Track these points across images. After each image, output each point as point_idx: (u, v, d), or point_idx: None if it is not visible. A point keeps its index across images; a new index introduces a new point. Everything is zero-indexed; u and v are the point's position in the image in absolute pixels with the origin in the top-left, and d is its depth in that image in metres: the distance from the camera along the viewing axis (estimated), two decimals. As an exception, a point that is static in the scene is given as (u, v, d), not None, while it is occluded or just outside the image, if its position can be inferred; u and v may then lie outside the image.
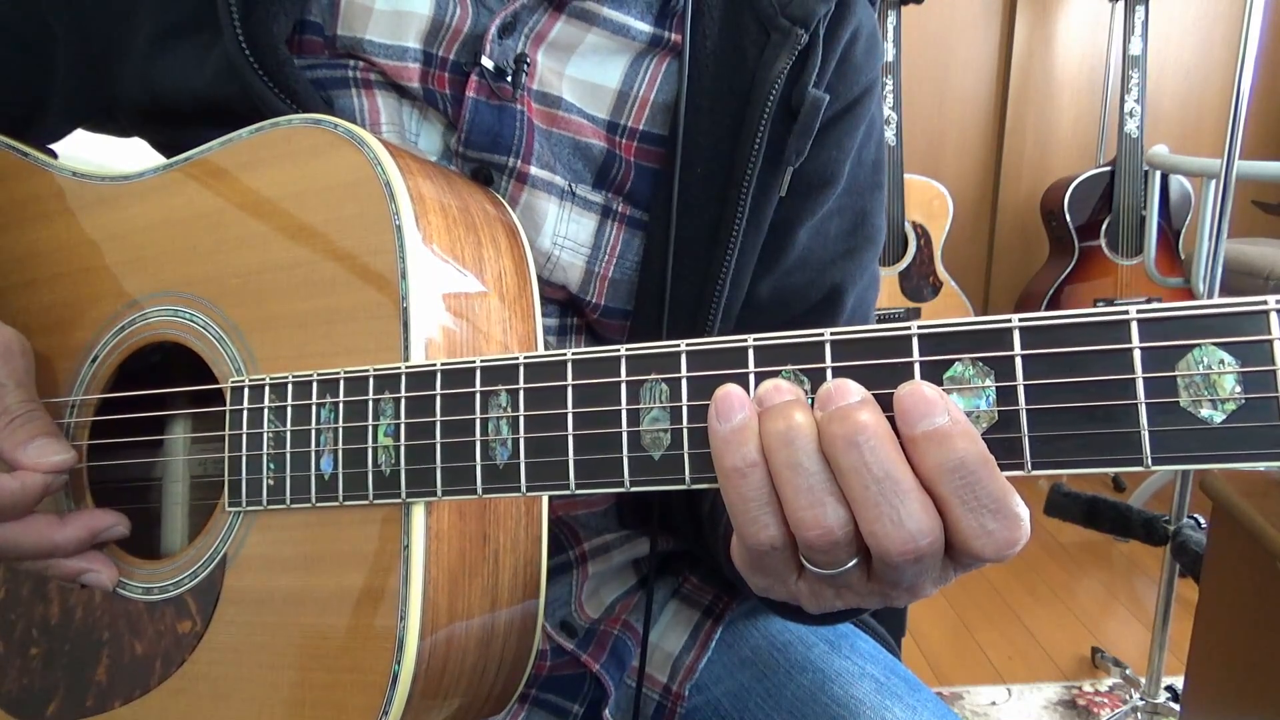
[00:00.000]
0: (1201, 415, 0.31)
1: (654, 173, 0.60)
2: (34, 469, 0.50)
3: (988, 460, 0.34)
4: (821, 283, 0.64)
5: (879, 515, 0.34)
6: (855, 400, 0.35)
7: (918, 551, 0.34)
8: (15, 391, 0.52)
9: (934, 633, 2.03)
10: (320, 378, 0.47)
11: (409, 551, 0.44)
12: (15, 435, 0.51)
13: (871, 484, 0.34)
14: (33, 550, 0.51)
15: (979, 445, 0.34)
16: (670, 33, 0.59)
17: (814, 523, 0.35)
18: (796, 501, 0.35)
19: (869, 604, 0.40)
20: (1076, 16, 2.91)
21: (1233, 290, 2.22)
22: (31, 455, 0.50)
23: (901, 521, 0.34)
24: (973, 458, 0.33)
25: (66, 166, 0.60)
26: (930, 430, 0.33)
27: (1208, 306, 0.31)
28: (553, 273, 0.59)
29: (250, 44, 0.54)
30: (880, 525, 0.34)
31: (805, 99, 0.57)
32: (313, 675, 0.47)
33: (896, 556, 0.34)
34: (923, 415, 0.34)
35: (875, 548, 0.35)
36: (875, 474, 0.34)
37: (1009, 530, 0.34)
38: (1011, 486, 0.34)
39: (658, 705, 0.67)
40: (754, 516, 0.36)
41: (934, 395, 0.34)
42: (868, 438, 0.34)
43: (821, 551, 0.36)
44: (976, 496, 0.33)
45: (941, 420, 0.33)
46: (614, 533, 0.69)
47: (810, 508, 0.35)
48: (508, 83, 0.56)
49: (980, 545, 0.34)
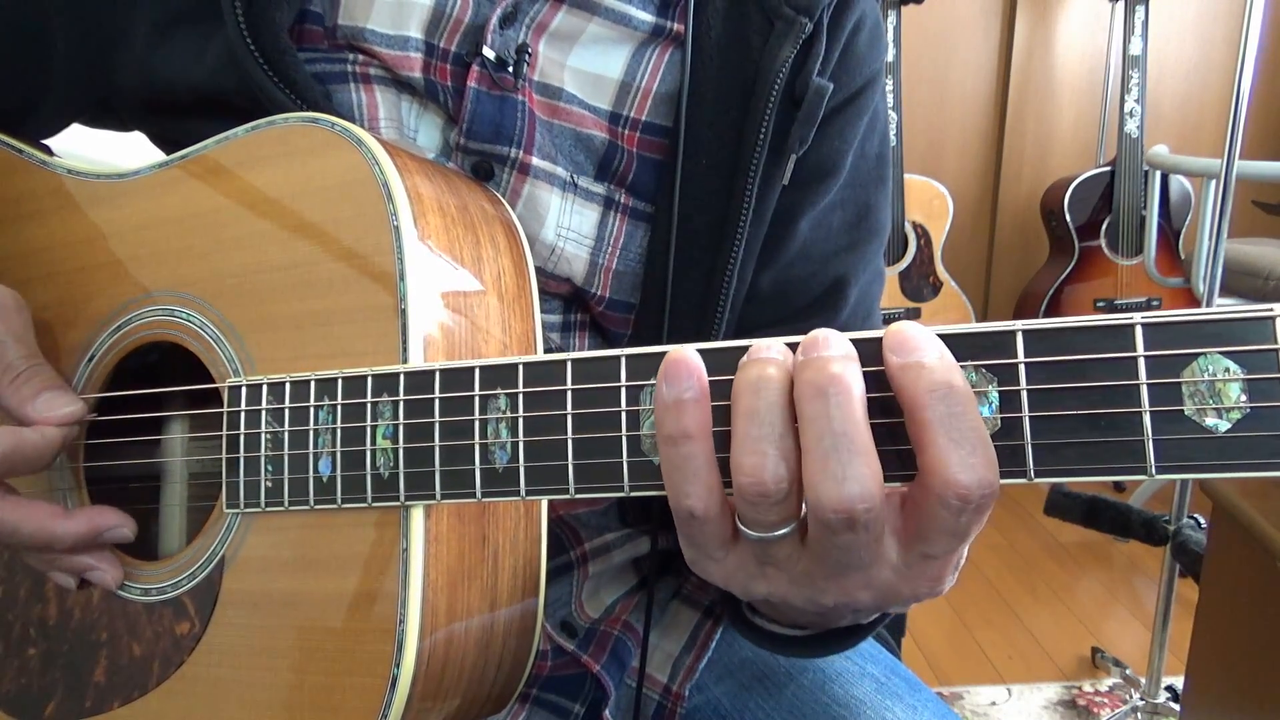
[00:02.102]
0: (1206, 424, 0.31)
1: (657, 164, 0.60)
2: (44, 422, 0.50)
3: (972, 399, 0.33)
4: (824, 275, 0.64)
5: (824, 469, 0.34)
6: (836, 353, 0.34)
7: (852, 516, 0.34)
8: (15, 347, 0.51)
9: (934, 633, 2.03)
10: (318, 379, 0.46)
11: (408, 554, 0.44)
12: (21, 391, 0.50)
13: (827, 436, 0.33)
14: (31, 538, 0.50)
15: (966, 385, 0.33)
16: (673, 22, 0.59)
17: (751, 469, 0.35)
18: (741, 447, 0.35)
19: (793, 599, 0.39)
20: (1076, 16, 2.91)
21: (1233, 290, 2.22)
22: (40, 409, 0.50)
23: (845, 479, 0.33)
24: (961, 388, 0.33)
25: (62, 164, 0.59)
26: (922, 360, 0.33)
27: (1213, 314, 0.31)
28: (557, 265, 0.59)
29: (252, 32, 0.53)
30: (823, 479, 0.34)
31: (809, 88, 0.57)
32: (311, 677, 0.46)
33: (831, 514, 0.34)
34: (916, 347, 0.34)
35: (813, 502, 0.34)
36: (834, 428, 0.33)
37: (987, 468, 0.33)
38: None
39: (658, 705, 0.67)
40: (684, 479, 0.36)
41: (927, 334, 0.34)
42: (837, 390, 0.33)
43: (750, 503, 0.35)
44: (961, 428, 0.33)
45: (932, 354, 0.34)
46: (615, 532, 0.69)
47: (750, 454, 0.35)
48: (509, 73, 0.55)
49: (961, 476, 0.33)
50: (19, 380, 0.51)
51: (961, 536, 0.35)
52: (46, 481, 0.57)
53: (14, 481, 0.51)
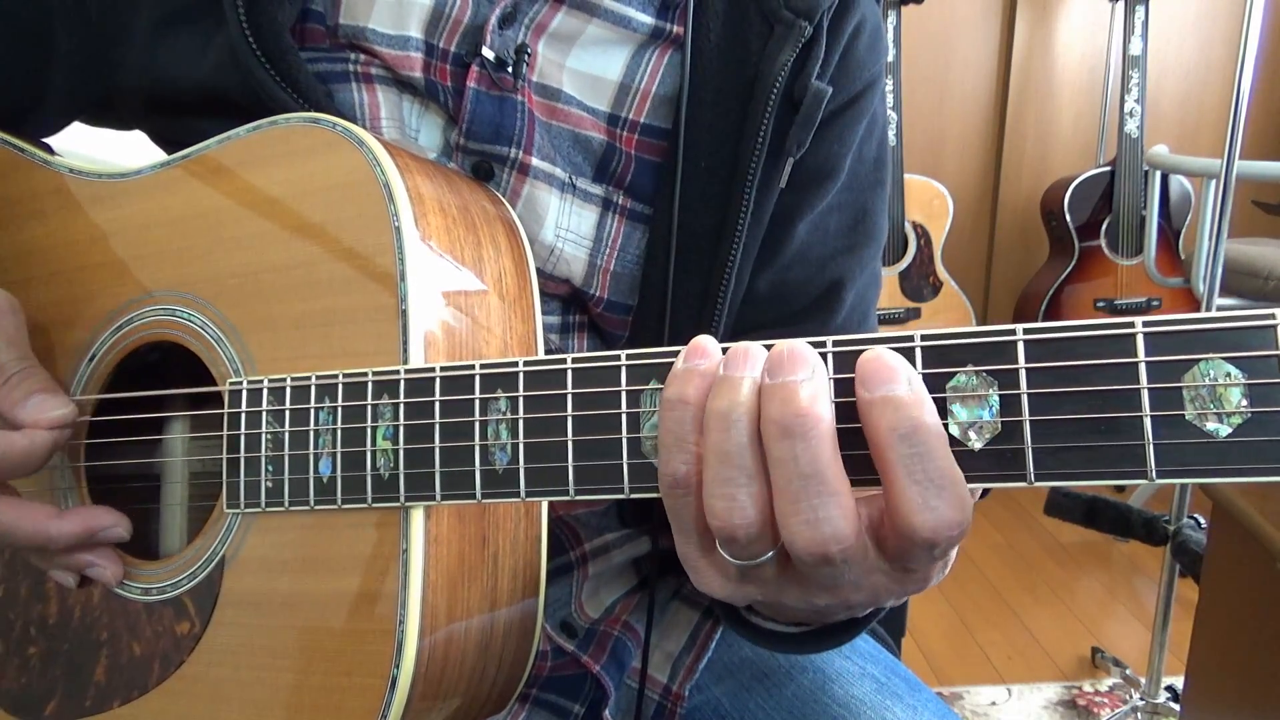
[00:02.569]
0: (1207, 429, 0.31)
1: (656, 166, 0.60)
2: (34, 426, 0.49)
3: (940, 436, 0.33)
4: (820, 278, 0.64)
5: (796, 511, 0.33)
6: (802, 378, 0.33)
7: (828, 556, 0.33)
8: (6, 349, 0.51)
9: (934, 633, 2.03)
10: (318, 380, 0.46)
11: (408, 555, 0.44)
12: (12, 393, 0.50)
13: (796, 479, 0.33)
14: (27, 539, 0.50)
15: (935, 419, 0.33)
16: (672, 24, 0.59)
17: (721, 514, 0.34)
18: (710, 487, 0.34)
19: (786, 599, 0.39)
20: (1076, 16, 2.91)
21: (1233, 290, 2.22)
22: (31, 412, 0.50)
23: (818, 523, 0.33)
24: (926, 427, 0.32)
25: (63, 163, 0.59)
26: (889, 395, 0.33)
27: (1215, 319, 0.31)
28: (556, 266, 0.59)
29: (254, 31, 0.53)
30: (795, 521, 0.33)
31: (808, 91, 0.57)
32: (311, 678, 0.46)
33: (806, 555, 0.34)
34: (884, 381, 0.33)
35: (787, 540, 0.34)
36: (803, 470, 0.33)
37: (952, 509, 0.33)
38: (960, 473, 0.33)
39: (658, 705, 0.67)
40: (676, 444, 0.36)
41: (897, 364, 0.33)
42: (804, 428, 0.33)
43: (724, 542, 0.35)
44: (925, 469, 0.32)
45: (901, 389, 0.33)
46: (615, 532, 0.69)
47: (720, 499, 0.34)
48: (508, 73, 0.56)
49: (920, 520, 0.32)
50: (10, 383, 0.50)
51: (941, 558, 0.35)
52: (47, 481, 0.57)
53: (15, 481, 0.51)
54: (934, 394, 0.34)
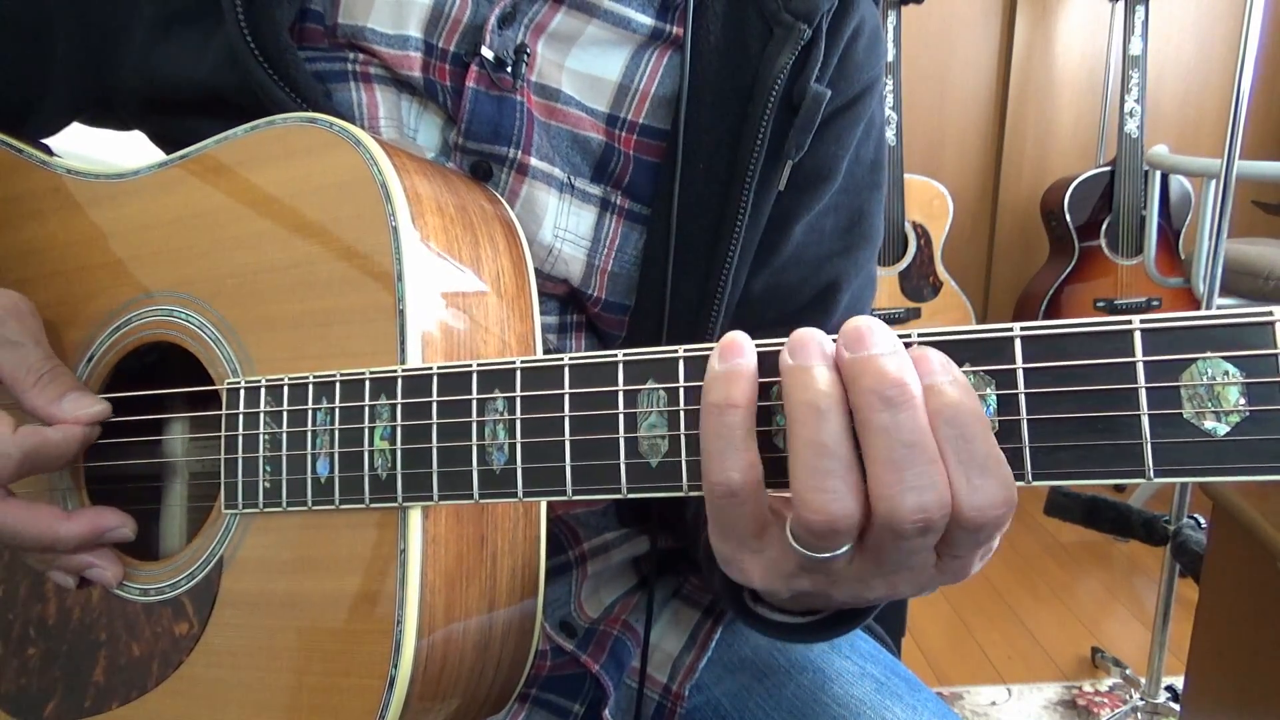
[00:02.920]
0: (1205, 427, 0.31)
1: (654, 166, 0.60)
2: (73, 422, 0.51)
3: (984, 419, 0.33)
4: (816, 280, 0.64)
5: (899, 480, 0.33)
6: (886, 350, 0.33)
7: (929, 521, 0.33)
8: (35, 349, 0.53)
9: (934, 633, 2.03)
10: (316, 380, 0.46)
11: (405, 555, 0.44)
12: (47, 392, 0.51)
13: (899, 448, 0.33)
14: (34, 541, 0.50)
15: (978, 404, 0.33)
16: (672, 26, 0.59)
17: (820, 507, 0.34)
18: (806, 481, 0.34)
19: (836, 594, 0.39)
20: (1076, 16, 2.91)
21: (1233, 290, 2.22)
22: (68, 410, 0.51)
23: (922, 489, 0.33)
24: (969, 410, 0.33)
25: (62, 164, 0.59)
26: (932, 383, 0.33)
27: (1212, 317, 0.31)
28: (554, 266, 0.59)
29: (253, 31, 0.53)
30: (900, 491, 0.33)
31: (807, 94, 0.57)
32: (309, 678, 0.46)
33: (908, 523, 0.33)
34: (928, 371, 0.34)
35: (887, 514, 0.33)
36: (905, 438, 0.33)
37: (999, 488, 0.33)
38: (1003, 456, 0.34)
39: (658, 705, 0.67)
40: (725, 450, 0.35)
41: (940, 357, 0.34)
42: (903, 396, 0.33)
43: (817, 536, 0.35)
44: (970, 452, 0.33)
45: (945, 378, 0.33)
46: (613, 531, 0.69)
47: (818, 491, 0.34)
48: (508, 73, 0.55)
49: (970, 501, 0.33)
50: (43, 381, 0.52)
51: (985, 544, 0.36)
52: (47, 481, 0.57)
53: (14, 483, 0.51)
54: None
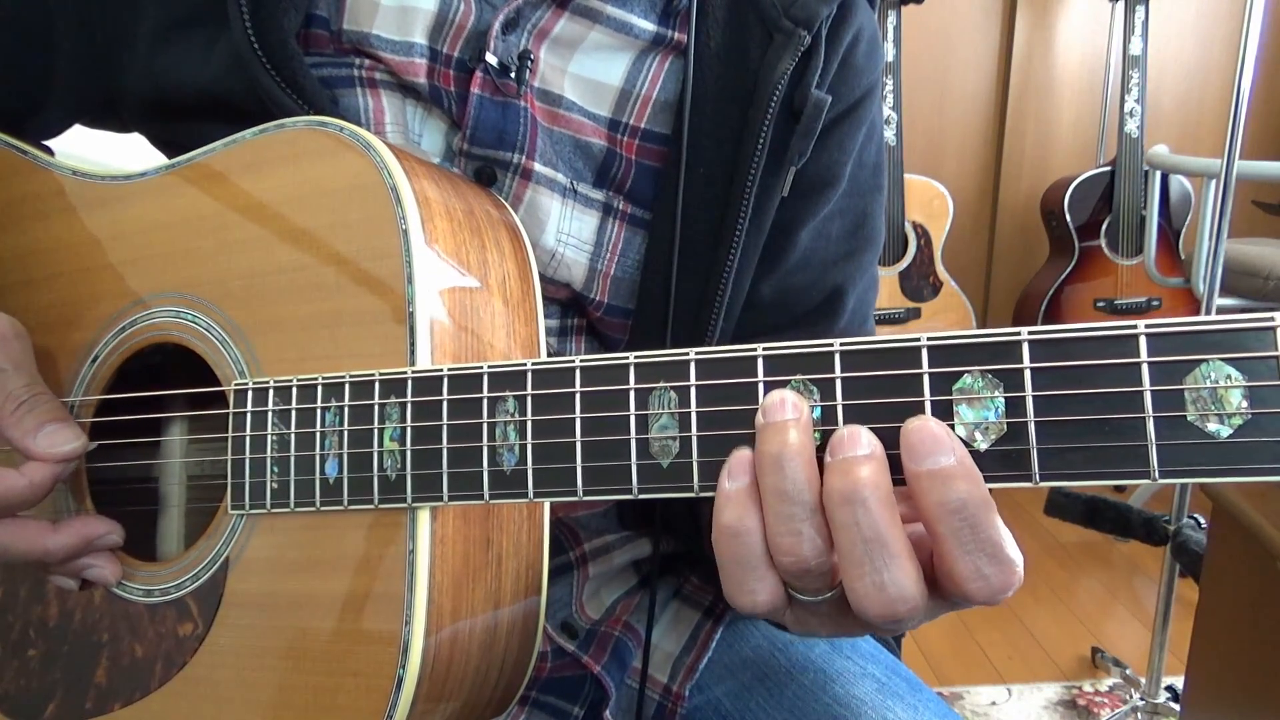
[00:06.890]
0: (1209, 430, 0.31)
1: (656, 171, 0.60)
2: (46, 458, 0.49)
3: (988, 504, 0.34)
4: (823, 284, 0.64)
5: (861, 574, 0.34)
6: (862, 453, 0.34)
7: (895, 616, 0.35)
8: (16, 376, 0.50)
9: (934, 633, 2.03)
10: (325, 381, 0.46)
11: (414, 556, 0.44)
12: (24, 423, 0.49)
13: (859, 543, 0.34)
14: (24, 556, 0.50)
15: (981, 488, 0.34)
16: (673, 31, 0.59)
17: (789, 549, 0.35)
18: (775, 526, 0.36)
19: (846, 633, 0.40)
20: (1076, 16, 2.91)
21: (1233, 290, 2.22)
22: (42, 444, 0.49)
23: (884, 585, 0.34)
24: (975, 500, 0.33)
25: (67, 165, 0.59)
26: (935, 469, 0.34)
27: (1216, 322, 0.31)
28: (557, 270, 0.59)
29: (259, 37, 0.53)
30: (861, 584, 0.34)
31: (808, 100, 0.57)
32: (316, 679, 0.47)
33: (874, 617, 0.35)
34: (929, 453, 0.34)
35: (854, 603, 0.35)
36: (865, 534, 0.34)
37: (1003, 575, 0.34)
38: (1008, 532, 0.34)
39: (658, 706, 0.67)
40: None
41: (941, 433, 0.34)
42: (864, 496, 0.34)
43: (795, 576, 0.36)
44: (976, 539, 0.34)
45: (947, 460, 0.34)
46: (614, 533, 0.69)
47: (786, 535, 0.35)
48: (512, 79, 0.56)
49: (974, 588, 0.34)
50: (20, 410, 0.49)
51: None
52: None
53: None
54: (940, 396, 0.35)
